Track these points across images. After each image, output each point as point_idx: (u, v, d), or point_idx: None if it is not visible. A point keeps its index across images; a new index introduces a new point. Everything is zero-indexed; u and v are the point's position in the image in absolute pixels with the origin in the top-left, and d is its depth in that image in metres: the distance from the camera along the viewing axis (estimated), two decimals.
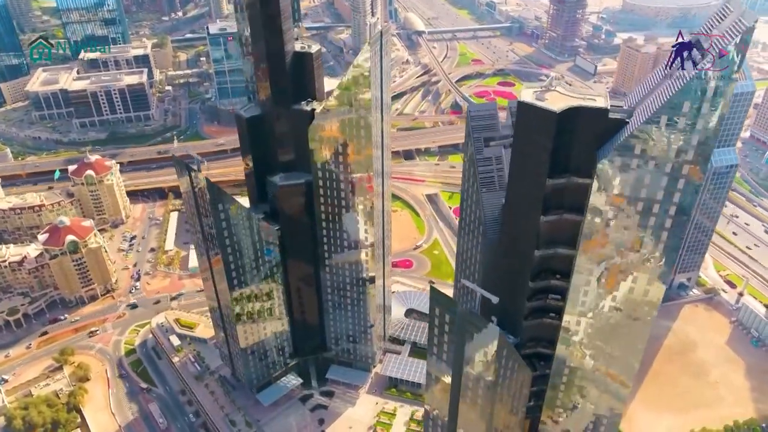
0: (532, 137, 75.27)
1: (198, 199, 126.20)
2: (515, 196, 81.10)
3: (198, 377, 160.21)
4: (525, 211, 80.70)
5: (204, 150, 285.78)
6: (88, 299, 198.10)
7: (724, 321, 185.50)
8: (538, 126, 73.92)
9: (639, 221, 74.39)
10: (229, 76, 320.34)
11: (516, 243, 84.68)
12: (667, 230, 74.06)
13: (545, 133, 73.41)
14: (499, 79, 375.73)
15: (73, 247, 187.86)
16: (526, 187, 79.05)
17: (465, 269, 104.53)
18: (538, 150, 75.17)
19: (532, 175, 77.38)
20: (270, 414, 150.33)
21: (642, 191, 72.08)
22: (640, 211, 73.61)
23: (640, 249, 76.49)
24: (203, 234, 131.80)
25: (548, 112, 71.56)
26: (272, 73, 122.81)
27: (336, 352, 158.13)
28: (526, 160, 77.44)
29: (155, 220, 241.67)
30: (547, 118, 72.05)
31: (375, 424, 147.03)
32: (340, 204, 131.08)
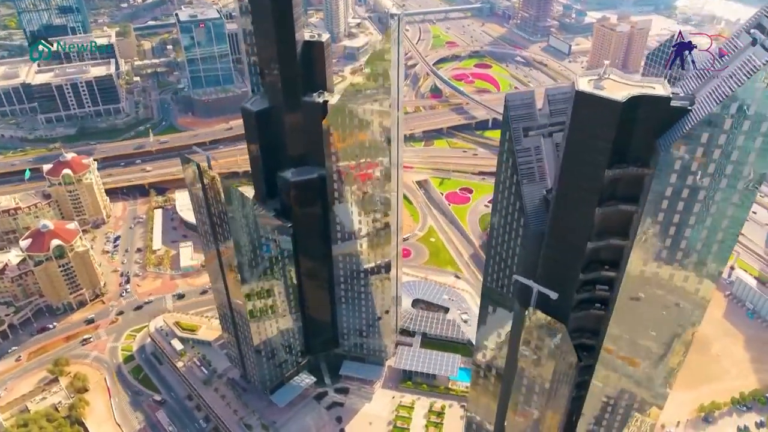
0: (591, 128, 73.12)
1: (208, 197, 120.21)
2: (569, 187, 79.02)
3: (206, 381, 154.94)
4: (579, 203, 78.83)
5: (182, 143, 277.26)
6: (77, 305, 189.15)
7: (718, 295, 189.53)
8: (600, 116, 71.69)
9: (699, 210, 73.29)
10: (202, 65, 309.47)
11: (567, 235, 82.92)
12: (728, 218, 73.37)
13: (607, 123, 71.29)
14: (476, 61, 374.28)
15: (60, 252, 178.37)
16: (582, 179, 77.03)
17: (498, 263, 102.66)
18: (597, 141, 73.04)
19: (590, 166, 75.32)
20: (285, 415, 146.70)
21: (705, 180, 70.98)
22: (702, 200, 72.65)
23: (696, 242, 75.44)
24: (213, 232, 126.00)
25: (612, 102, 69.34)
26: (282, 64, 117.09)
27: (348, 347, 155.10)
28: (584, 151, 75.29)
29: (138, 219, 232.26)
30: (610, 108, 69.84)
31: (394, 419, 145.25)
32: (356, 196, 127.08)
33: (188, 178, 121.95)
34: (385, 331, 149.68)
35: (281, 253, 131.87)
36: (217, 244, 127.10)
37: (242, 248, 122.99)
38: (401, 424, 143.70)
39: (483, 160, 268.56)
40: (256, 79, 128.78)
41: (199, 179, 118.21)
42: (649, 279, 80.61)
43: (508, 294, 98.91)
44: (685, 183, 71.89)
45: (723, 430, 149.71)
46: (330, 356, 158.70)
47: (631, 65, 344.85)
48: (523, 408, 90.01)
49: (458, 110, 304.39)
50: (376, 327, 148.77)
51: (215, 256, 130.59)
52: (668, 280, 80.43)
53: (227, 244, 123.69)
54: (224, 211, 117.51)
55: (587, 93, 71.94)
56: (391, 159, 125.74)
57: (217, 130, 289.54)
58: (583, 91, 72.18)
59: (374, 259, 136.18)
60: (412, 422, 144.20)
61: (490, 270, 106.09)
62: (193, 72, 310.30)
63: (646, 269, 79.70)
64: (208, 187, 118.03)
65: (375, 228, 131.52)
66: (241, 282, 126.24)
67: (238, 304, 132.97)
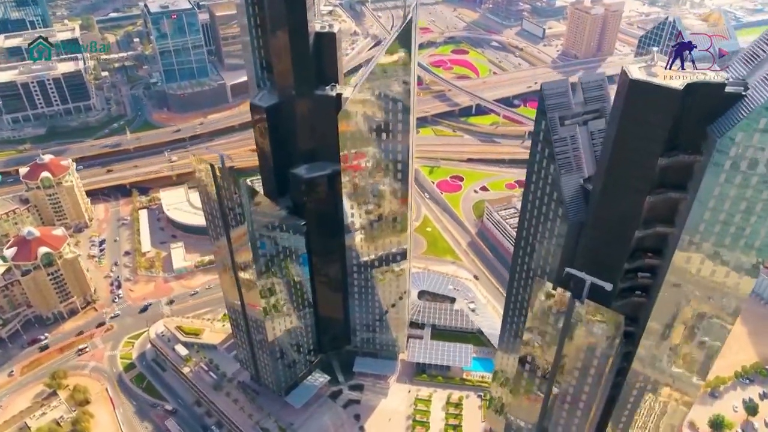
0: (646, 116, 72.28)
1: (222, 197, 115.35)
2: (618, 176, 78.19)
3: (216, 386, 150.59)
4: (629, 192, 78.19)
5: (159, 140, 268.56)
6: (68, 314, 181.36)
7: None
8: (656, 104, 70.94)
9: (751, 198, 73.29)
10: (175, 57, 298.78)
11: (614, 224, 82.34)
12: None
13: (664, 111, 70.62)
14: (452, 47, 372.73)
15: (48, 259, 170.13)
16: (633, 167, 76.26)
17: (530, 253, 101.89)
18: (652, 129, 72.33)
19: (643, 154, 74.63)
20: (302, 416, 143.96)
21: (759, 167, 70.96)
22: (754, 186, 72.71)
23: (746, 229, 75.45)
24: (226, 233, 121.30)
25: (670, 90, 68.67)
26: (295, 56, 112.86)
27: (360, 343, 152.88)
28: (636, 140, 74.46)
29: (123, 220, 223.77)
30: (668, 96, 69.17)
31: (413, 413, 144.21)
32: (370, 188, 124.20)
33: (201, 177, 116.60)
34: (398, 325, 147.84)
35: (294, 251, 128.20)
36: (230, 245, 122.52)
37: (258, 248, 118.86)
38: (420, 418, 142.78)
39: (470, 147, 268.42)
40: (262, 74, 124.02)
41: (213, 179, 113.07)
42: (694, 266, 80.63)
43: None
44: (739, 170, 71.67)
45: (729, 403, 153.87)
46: (341, 354, 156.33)
47: (605, 48, 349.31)
48: (571, 400, 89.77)
49: (441, 97, 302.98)
50: (388, 321, 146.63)
51: (228, 258, 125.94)
52: (713, 268, 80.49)
53: (242, 245, 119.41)
54: (241, 211, 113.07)
55: (643, 81, 71.12)
56: (410, 151, 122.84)
57: (197, 125, 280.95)
58: (639, 80, 71.28)
59: (388, 251, 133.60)
60: (431, 415, 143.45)
61: (520, 261, 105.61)
62: (166, 65, 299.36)
63: (693, 256, 79.68)
64: (222, 187, 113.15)
65: (389, 219, 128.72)
66: (256, 282, 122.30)
67: (252, 305, 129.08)
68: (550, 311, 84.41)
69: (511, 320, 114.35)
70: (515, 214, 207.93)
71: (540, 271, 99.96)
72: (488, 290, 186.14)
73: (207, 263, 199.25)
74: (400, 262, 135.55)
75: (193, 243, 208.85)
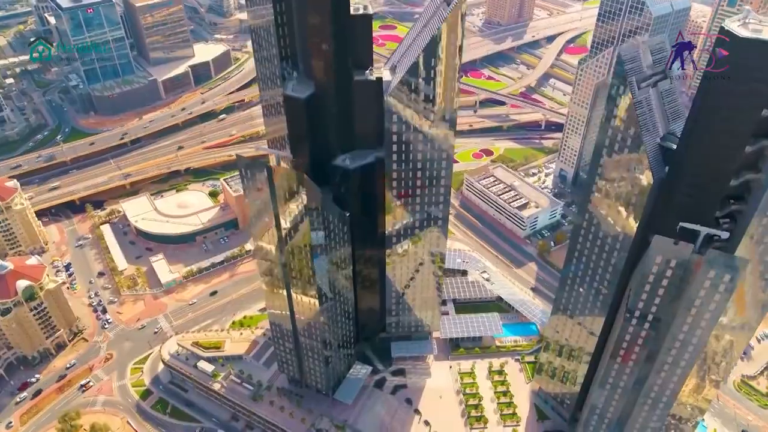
0: (753, 73, 76.89)
1: (277, 199, 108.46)
2: (720, 130, 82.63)
3: (255, 397, 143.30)
4: (730, 145, 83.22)
5: (98, 147, 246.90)
6: (56, 349, 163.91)
7: None
8: (762, 60, 75.85)
9: None
10: (96, 55, 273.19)
11: (707, 177, 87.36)
12: None
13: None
14: (378, 23, 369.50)
15: (30, 293, 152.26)
16: (736, 121, 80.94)
17: (597, 222, 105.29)
18: (757, 84, 77.16)
19: (747, 109, 79.43)
20: (354, 410, 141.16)
21: None
22: None
23: None
24: (279, 235, 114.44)
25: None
26: (337, 41, 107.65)
27: (395, 328, 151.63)
28: (740, 96, 79.07)
29: (83, 240, 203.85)
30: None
31: (461, 387, 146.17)
32: (416, 174, 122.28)
33: (254, 182, 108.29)
34: (432, 303, 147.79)
35: (340, 243, 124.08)
36: (282, 247, 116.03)
37: (314, 246, 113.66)
38: (470, 390, 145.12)
39: None
40: (286, 64, 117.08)
41: (268, 182, 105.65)
42: None
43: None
44: None
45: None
46: (375, 342, 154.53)
47: (525, 14, 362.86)
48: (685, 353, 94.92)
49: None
50: (424, 300, 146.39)
51: (276, 261, 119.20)
52: None
53: (299, 245, 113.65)
54: (302, 211, 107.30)
55: (751, 39, 75.20)
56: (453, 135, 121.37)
57: (139, 127, 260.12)
58: (749, 38, 75.32)
59: (426, 231, 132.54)
60: (479, 386, 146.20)
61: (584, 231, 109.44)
62: (86, 64, 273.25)
63: None
64: (280, 187, 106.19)
65: (430, 198, 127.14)
66: (313, 281, 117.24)
67: (305, 305, 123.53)
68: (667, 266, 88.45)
69: (573, 288, 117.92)
70: (496, 182, 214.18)
71: (611, 238, 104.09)
72: (488, 258, 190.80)
73: (197, 272, 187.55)
74: (437, 243, 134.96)
75: (173, 253, 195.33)
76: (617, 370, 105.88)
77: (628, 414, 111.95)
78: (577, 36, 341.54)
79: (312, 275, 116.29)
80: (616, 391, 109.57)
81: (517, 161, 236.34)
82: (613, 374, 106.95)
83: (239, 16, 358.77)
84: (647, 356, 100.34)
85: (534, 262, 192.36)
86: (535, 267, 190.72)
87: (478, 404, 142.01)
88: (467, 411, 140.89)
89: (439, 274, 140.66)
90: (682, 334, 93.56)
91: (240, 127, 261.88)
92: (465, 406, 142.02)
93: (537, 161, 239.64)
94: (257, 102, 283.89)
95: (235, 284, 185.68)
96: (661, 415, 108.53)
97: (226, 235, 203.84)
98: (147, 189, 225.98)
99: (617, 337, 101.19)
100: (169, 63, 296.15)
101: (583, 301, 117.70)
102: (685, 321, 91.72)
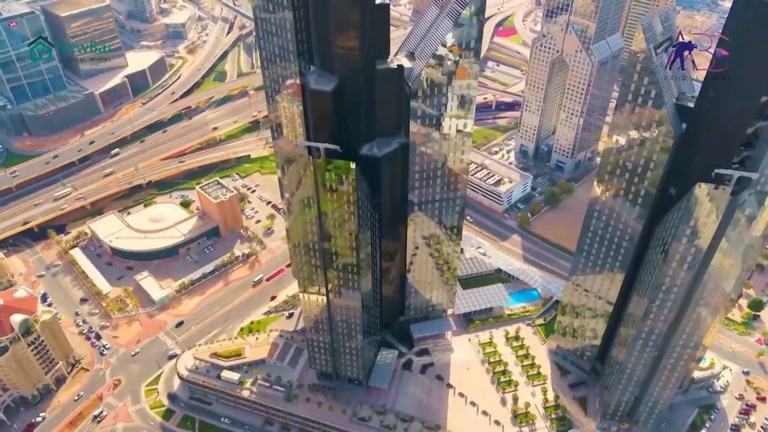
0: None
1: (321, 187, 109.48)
2: (739, 84, 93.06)
3: (290, 397, 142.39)
4: (750, 96, 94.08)
5: (44, 170, 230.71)
6: (56, 384, 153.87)
7: None
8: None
9: None
10: (23, 71, 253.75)
11: (727, 128, 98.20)
12: None
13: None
14: None
15: (26, 327, 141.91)
16: (756, 74, 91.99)
17: (616, 184, 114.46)
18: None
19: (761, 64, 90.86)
20: (390, 394, 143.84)
21: None
22: None
23: None
24: (320, 223, 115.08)
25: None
26: (363, 31, 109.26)
27: (414, 310, 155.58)
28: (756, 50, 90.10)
29: (53, 267, 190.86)
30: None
31: (485, 356, 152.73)
32: (436, 158, 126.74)
33: (295, 173, 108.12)
34: (450, 281, 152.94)
35: (372, 229, 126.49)
36: (324, 235, 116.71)
37: (358, 232, 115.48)
38: (493, 359, 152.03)
39: None
40: (302, 58, 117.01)
41: (314, 172, 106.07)
42: None
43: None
44: None
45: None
46: (394, 327, 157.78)
47: None
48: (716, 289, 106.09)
49: None
50: (443, 280, 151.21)
51: (318, 259, 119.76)
52: None
53: (343, 232, 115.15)
54: (348, 199, 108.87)
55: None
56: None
57: (83, 144, 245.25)
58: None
59: (444, 211, 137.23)
60: (501, 354, 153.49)
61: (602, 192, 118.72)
62: (12, 82, 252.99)
63: None
64: (331, 180, 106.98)
65: (449, 179, 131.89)
66: (355, 267, 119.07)
67: (344, 294, 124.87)
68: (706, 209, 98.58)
69: (593, 248, 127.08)
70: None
71: (630, 194, 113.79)
72: (474, 234, 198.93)
73: (189, 285, 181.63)
74: (455, 218, 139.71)
75: (157, 269, 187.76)
76: (654, 318, 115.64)
77: (653, 361, 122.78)
78: (504, 19, 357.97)
79: (355, 261, 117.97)
80: (645, 340, 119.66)
81: (479, 141, 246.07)
82: (650, 323, 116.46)
83: (165, 21, 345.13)
84: (683, 300, 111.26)
85: (517, 234, 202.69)
86: (518, 238, 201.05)
87: (504, 370, 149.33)
88: (496, 377, 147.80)
89: (457, 252, 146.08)
90: (716, 272, 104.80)
91: (198, 133, 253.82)
92: (492, 374, 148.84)
93: (496, 139, 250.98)
94: (205, 108, 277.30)
95: (232, 292, 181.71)
96: (684, 356, 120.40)
97: (209, 244, 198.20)
98: (110, 207, 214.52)
99: (654, 283, 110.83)
100: (102, 74, 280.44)
101: (603, 258, 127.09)
102: (719, 260, 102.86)
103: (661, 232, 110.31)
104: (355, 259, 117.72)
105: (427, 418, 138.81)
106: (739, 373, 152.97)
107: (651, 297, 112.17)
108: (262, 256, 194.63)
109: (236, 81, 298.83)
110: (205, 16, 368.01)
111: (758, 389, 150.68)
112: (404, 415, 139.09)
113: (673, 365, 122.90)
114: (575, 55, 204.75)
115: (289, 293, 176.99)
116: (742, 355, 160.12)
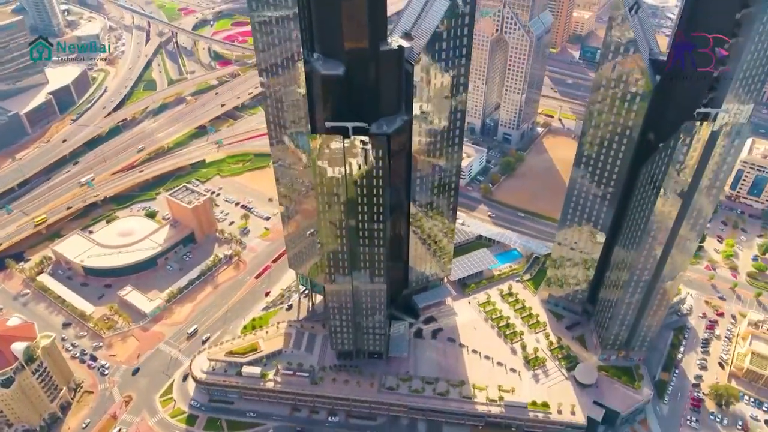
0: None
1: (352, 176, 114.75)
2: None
3: (316, 380, 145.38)
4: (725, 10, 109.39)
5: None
6: (62, 411, 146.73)
7: (570, 141, 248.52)
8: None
9: None
10: None
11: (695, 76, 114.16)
12: None
13: None
14: (230, 21, 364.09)
15: (29, 355, 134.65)
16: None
17: (601, 134, 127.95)
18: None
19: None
20: (410, 362, 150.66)
21: None
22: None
23: None
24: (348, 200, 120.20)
25: None
26: (371, 15, 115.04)
27: (415, 282, 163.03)
28: None
29: (22, 295, 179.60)
30: None
31: (487, 314, 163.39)
32: (436, 131, 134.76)
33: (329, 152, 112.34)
34: (448, 251, 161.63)
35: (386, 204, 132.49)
36: (352, 211, 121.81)
37: (384, 206, 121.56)
38: (495, 315, 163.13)
39: None
40: (305, 46, 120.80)
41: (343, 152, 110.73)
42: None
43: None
44: None
45: None
46: (398, 300, 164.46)
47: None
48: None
49: None
50: (442, 251, 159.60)
51: (345, 246, 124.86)
52: None
53: (371, 207, 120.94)
54: (381, 174, 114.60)
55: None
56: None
57: (23, 166, 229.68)
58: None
59: (443, 183, 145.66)
60: (501, 310, 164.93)
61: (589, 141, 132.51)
62: None
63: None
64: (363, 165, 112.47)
65: (448, 152, 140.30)
66: (379, 242, 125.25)
67: (374, 275, 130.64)
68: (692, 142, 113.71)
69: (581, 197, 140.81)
70: None
71: (616, 139, 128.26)
72: None
73: (177, 293, 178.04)
74: (451, 190, 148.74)
75: (138, 283, 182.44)
76: (647, 250, 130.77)
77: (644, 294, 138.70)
78: None
79: (382, 235, 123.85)
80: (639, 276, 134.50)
81: None
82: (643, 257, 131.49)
83: (75, 33, 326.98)
84: (671, 231, 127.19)
85: (483, 204, 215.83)
86: (485, 207, 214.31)
87: (507, 323, 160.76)
88: (501, 331, 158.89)
89: (452, 224, 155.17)
90: (701, 200, 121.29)
91: (146, 143, 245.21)
92: (498, 328, 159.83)
93: None
94: (142, 118, 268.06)
95: (223, 294, 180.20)
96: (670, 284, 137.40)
97: (187, 251, 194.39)
98: (68, 228, 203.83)
99: (647, 217, 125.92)
100: (23, 93, 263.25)
101: (591, 204, 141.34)
102: (704, 185, 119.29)
103: (650, 170, 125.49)
104: (383, 233, 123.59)
105: (449, 376, 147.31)
106: (699, 296, 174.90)
107: (645, 230, 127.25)
108: (245, 255, 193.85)
109: (168, 89, 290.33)
110: (116, 26, 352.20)
111: (716, 307, 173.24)
112: (428, 378, 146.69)
113: (662, 294, 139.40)
114: (514, 32, 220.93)
115: (282, 287, 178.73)
116: (696, 280, 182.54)
